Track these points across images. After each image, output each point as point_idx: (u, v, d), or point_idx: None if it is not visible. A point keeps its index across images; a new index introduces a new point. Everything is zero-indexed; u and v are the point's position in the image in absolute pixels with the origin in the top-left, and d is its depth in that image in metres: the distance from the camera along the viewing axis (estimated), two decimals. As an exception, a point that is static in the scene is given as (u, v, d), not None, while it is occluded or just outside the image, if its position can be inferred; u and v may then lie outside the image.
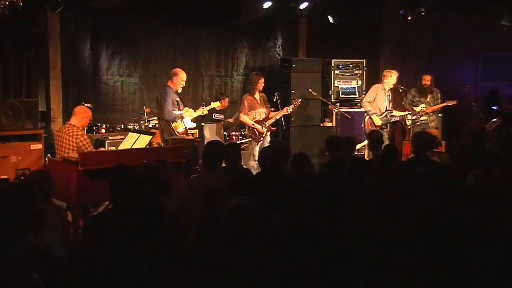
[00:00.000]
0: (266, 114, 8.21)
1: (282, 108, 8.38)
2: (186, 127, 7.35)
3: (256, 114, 8.15)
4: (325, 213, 3.70)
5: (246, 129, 8.30)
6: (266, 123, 8.16)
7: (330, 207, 3.75)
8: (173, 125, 7.30)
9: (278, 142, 6.95)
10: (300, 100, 8.52)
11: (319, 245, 3.32)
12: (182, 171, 6.05)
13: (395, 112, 8.87)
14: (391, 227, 3.64)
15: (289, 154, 5.42)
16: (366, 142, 8.32)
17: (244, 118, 8.13)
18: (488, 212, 3.77)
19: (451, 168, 4.83)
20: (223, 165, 5.08)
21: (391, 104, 8.89)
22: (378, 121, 8.73)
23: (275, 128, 8.39)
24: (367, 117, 8.84)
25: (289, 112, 8.44)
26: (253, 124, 8.07)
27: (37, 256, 2.81)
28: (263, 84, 8.14)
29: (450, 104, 8.81)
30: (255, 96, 8.14)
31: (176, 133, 7.28)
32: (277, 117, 8.31)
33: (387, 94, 8.84)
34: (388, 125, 8.94)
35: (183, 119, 7.38)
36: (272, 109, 8.36)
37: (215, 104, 8.23)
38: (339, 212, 3.81)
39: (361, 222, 3.68)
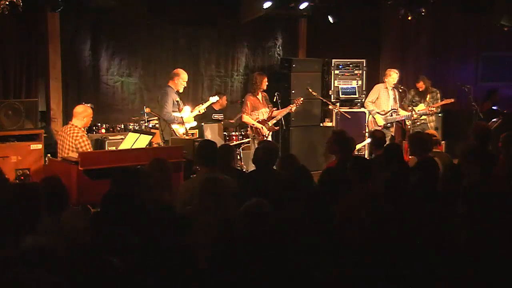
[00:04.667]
0: (269, 114, 8.20)
1: (281, 108, 8.38)
2: (186, 128, 7.35)
3: (259, 114, 8.13)
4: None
5: (249, 129, 8.27)
6: (269, 123, 8.15)
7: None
8: (173, 127, 7.31)
9: (268, 142, 6.94)
10: (302, 98, 8.51)
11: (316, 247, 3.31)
12: (182, 171, 6.05)
13: (401, 112, 8.85)
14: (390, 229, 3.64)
15: (277, 154, 5.43)
16: (366, 142, 8.34)
17: (246, 118, 8.10)
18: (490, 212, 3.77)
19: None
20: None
21: (397, 104, 8.87)
22: (380, 121, 8.74)
23: (278, 127, 8.38)
24: (370, 116, 8.86)
25: (293, 111, 8.46)
26: (255, 124, 8.06)
27: (40, 256, 2.80)
28: (266, 83, 8.15)
29: (448, 102, 8.81)
30: (257, 96, 8.13)
31: (177, 134, 7.29)
32: (281, 116, 8.30)
33: (391, 93, 8.84)
34: (394, 124, 8.92)
35: (184, 124, 7.37)
36: (274, 108, 8.35)
37: (214, 99, 8.20)
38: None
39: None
